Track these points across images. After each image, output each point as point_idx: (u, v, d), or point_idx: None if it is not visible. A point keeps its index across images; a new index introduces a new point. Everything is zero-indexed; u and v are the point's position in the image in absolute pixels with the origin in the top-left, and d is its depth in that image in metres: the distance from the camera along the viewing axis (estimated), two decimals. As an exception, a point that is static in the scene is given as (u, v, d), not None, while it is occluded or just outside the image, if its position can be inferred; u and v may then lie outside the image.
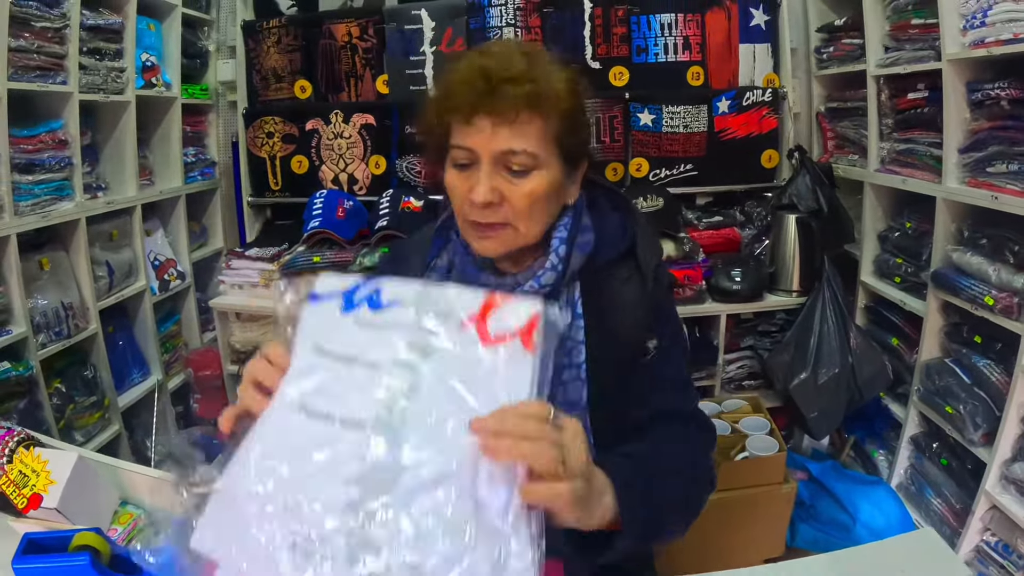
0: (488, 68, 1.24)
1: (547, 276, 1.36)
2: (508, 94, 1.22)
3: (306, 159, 3.96)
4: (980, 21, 2.63)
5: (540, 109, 1.25)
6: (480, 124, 1.25)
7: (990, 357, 2.84)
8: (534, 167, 1.28)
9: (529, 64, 1.26)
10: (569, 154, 1.33)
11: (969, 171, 2.84)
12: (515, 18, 3.71)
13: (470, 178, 1.29)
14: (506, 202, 1.29)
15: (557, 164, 1.31)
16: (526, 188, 1.28)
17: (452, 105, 1.27)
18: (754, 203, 3.87)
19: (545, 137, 1.27)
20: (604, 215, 1.48)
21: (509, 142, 1.25)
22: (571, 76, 1.32)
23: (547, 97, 1.25)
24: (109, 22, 3.42)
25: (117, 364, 3.66)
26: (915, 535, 1.73)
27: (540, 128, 1.26)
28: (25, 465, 1.62)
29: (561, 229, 1.40)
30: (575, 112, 1.32)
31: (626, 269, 1.44)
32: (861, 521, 3.13)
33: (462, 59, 1.31)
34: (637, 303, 1.41)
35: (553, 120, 1.27)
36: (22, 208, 2.99)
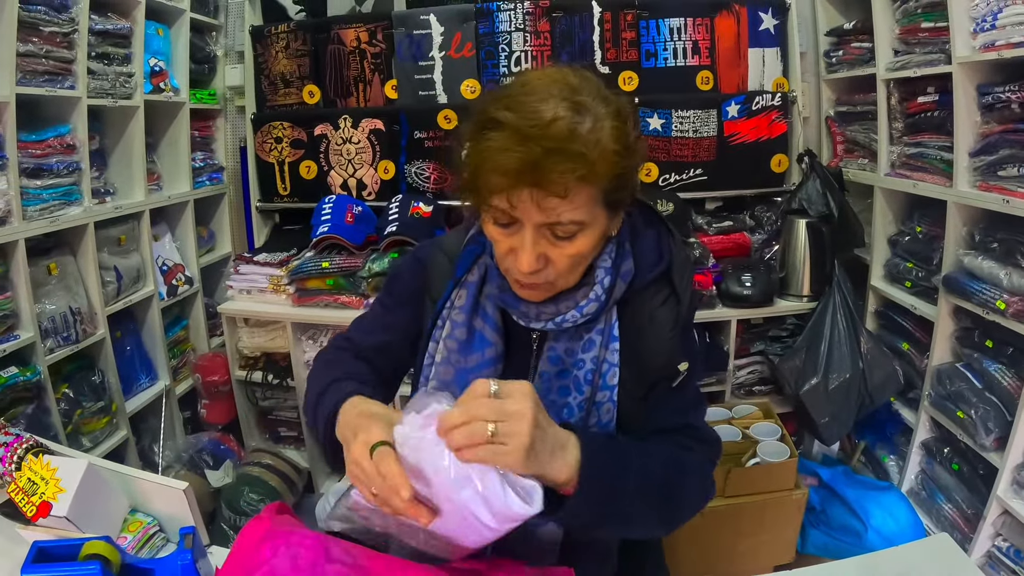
0: (531, 152, 1.10)
1: (590, 307, 1.33)
2: (555, 169, 1.10)
3: (315, 164, 3.96)
4: (990, 24, 2.62)
5: (590, 182, 1.14)
6: (523, 197, 1.14)
7: (1001, 361, 2.83)
8: (579, 231, 1.20)
9: (576, 123, 1.13)
10: (619, 202, 1.26)
11: (980, 175, 2.82)
12: (524, 23, 3.71)
13: (511, 236, 1.23)
14: (551, 264, 1.24)
15: (603, 217, 1.24)
16: (571, 251, 1.22)
17: (490, 185, 1.16)
18: (764, 208, 3.87)
19: (593, 201, 1.19)
20: (639, 233, 1.42)
21: (557, 215, 1.16)
22: (621, 125, 1.19)
23: (597, 170, 1.14)
24: (117, 27, 3.42)
25: (125, 369, 3.65)
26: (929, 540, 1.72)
27: (589, 196, 1.17)
28: (34, 472, 1.61)
29: (605, 259, 1.35)
30: (626, 168, 1.20)
31: (661, 291, 1.39)
32: (872, 527, 3.11)
33: (499, 125, 1.14)
34: (672, 325, 1.38)
35: (602, 184, 1.17)
36: (30, 213, 2.99)
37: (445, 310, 1.47)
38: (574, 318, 1.33)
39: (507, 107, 1.15)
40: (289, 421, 4.05)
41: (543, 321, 1.34)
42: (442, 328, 1.47)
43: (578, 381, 1.36)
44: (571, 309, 1.33)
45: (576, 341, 1.37)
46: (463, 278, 1.47)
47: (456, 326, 1.45)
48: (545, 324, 1.34)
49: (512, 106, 1.15)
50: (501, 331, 1.42)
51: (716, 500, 2.97)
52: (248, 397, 4.02)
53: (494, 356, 1.42)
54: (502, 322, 1.42)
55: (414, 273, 1.59)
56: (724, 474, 2.95)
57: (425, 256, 1.58)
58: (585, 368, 1.36)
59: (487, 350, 1.42)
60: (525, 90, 1.17)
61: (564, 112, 1.13)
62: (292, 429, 4.06)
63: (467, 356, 1.43)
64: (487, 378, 1.11)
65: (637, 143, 1.23)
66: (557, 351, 1.38)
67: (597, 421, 1.36)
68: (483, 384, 1.09)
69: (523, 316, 1.36)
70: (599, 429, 1.35)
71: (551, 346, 1.38)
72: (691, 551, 2.98)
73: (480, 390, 1.09)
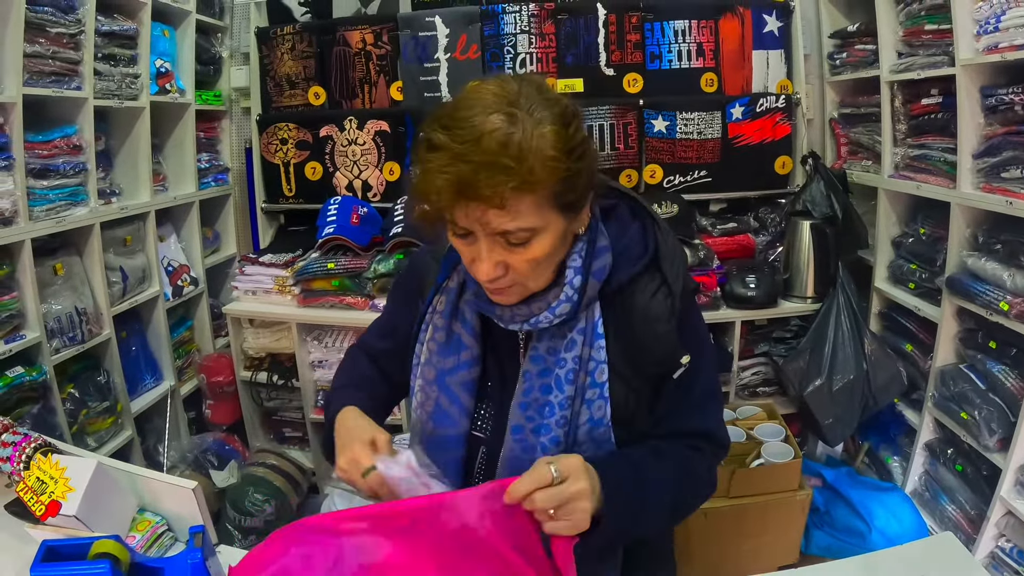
0: (461, 173, 1.14)
1: (562, 307, 1.35)
2: (487, 183, 1.13)
3: (320, 165, 3.98)
4: (994, 26, 2.63)
5: (528, 189, 1.16)
6: (469, 208, 1.18)
7: (1005, 363, 2.83)
8: (533, 237, 1.23)
9: (508, 133, 1.15)
10: (572, 204, 1.26)
11: (983, 176, 2.83)
12: (529, 25, 3.72)
13: (471, 247, 1.26)
14: (511, 270, 1.26)
15: (558, 220, 1.25)
16: (528, 256, 1.24)
17: (435, 196, 1.19)
18: (768, 209, 3.87)
19: (539, 207, 1.21)
20: (624, 225, 1.44)
21: (502, 224, 1.19)
22: (559, 129, 1.20)
23: (533, 179, 1.15)
24: (124, 28, 3.43)
25: (130, 369, 3.67)
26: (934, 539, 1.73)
27: (532, 203, 1.19)
28: (43, 472, 1.62)
29: (575, 257, 1.36)
30: (571, 171, 1.21)
31: (652, 282, 1.39)
32: (876, 528, 3.12)
33: (432, 142, 1.18)
34: (666, 317, 1.38)
35: (546, 188, 1.19)
36: (36, 213, 3.00)
37: (428, 314, 1.53)
38: (548, 319, 1.35)
39: (443, 126, 1.18)
40: (294, 422, 4.06)
41: (518, 323, 1.37)
42: (426, 331, 1.54)
43: (559, 380, 1.38)
44: (543, 310, 1.35)
45: (559, 340, 1.40)
46: (443, 284, 1.52)
47: (437, 330, 1.51)
48: (521, 326, 1.37)
49: (448, 123, 1.18)
50: (478, 335, 1.47)
51: (720, 501, 2.98)
52: (253, 398, 4.03)
53: (470, 359, 1.47)
54: (481, 326, 1.47)
55: (410, 277, 1.66)
56: (728, 475, 2.96)
57: (418, 260, 1.65)
58: (567, 367, 1.38)
59: (463, 353, 1.47)
60: (463, 104, 1.20)
61: (498, 123, 1.15)
62: (297, 430, 4.07)
63: (445, 358, 1.49)
64: (544, 459, 1.23)
65: (583, 144, 1.24)
66: (539, 351, 1.41)
67: (589, 418, 1.39)
68: (544, 468, 1.20)
69: (500, 319, 1.40)
70: (591, 425, 1.39)
71: (534, 346, 1.42)
72: (696, 552, 2.98)
73: (542, 476, 1.20)
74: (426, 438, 1.52)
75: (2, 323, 2.89)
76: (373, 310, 3.53)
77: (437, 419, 1.50)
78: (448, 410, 1.48)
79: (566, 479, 1.20)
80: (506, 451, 1.43)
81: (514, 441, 1.41)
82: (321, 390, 3.81)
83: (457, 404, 1.48)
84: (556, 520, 1.19)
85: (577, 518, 1.20)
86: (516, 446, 1.41)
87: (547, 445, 1.38)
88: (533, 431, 1.40)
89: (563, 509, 1.19)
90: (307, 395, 3.77)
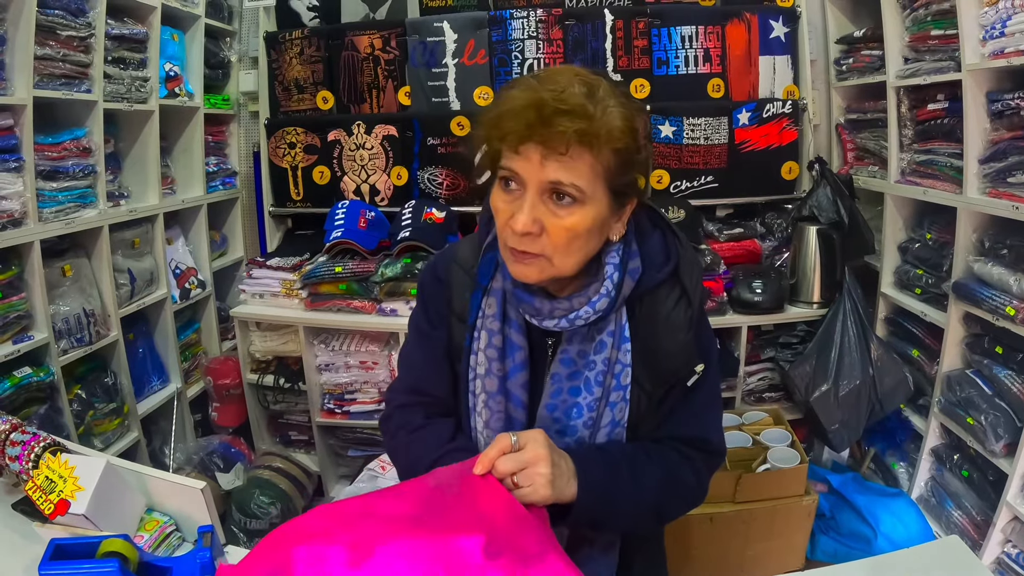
0: (542, 99, 1.20)
1: (601, 302, 1.35)
2: (559, 127, 1.18)
3: (328, 170, 3.99)
4: (999, 31, 2.63)
5: (591, 145, 1.21)
6: (529, 153, 1.22)
7: (1011, 368, 2.83)
8: (580, 200, 1.24)
9: (587, 96, 1.22)
10: (618, 191, 1.29)
11: (990, 181, 2.83)
12: (537, 31, 3.73)
13: (514, 203, 1.27)
14: (545, 233, 1.27)
15: (604, 200, 1.28)
16: (568, 222, 1.26)
17: (502, 132, 1.24)
18: (774, 215, 3.88)
19: (594, 173, 1.23)
20: (645, 235, 1.44)
21: (557, 174, 1.22)
22: (630, 114, 1.25)
23: (599, 134, 1.20)
24: (133, 32, 3.45)
25: (137, 371, 3.68)
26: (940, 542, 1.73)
27: (590, 163, 1.22)
28: (52, 471, 1.63)
29: (614, 255, 1.38)
30: (629, 151, 1.25)
31: (673, 292, 1.42)
32: (882, 533, 3.11)
33: (519, 85, 1.26)
34: (686, 327, 1.41)
35: (604, 157, 1.23)
36: (46, 215, 3.02)
37: (478, 320, 1.48)
38: (587, 314, 1.35)
39: (523, 80, 1.28)
40: (300, 425, 4.06)
41: (556, 318, 1.36)
42: (479, 339, 1.48)
43: (589, 382, 1.40)
44: (584, 305, 1.35)
45: (588, 343, 1.41)
46: (488, 286, 1.48)
47: (492, 335, 1.46)
48: (558, 322, 1.36)
49: (532, 77, 1.28)
50: (526, 333, 1.45)
51: (726, 505, 2.97)
52: (259, 400, 4.03)
53: (524, 359, 1.45)
54: (525, 325, 1.44)
55: (437, 292, 1.58)
56: (734, 480, 2.95)
57: (443, 272, 1.58)
58: (596, 369, 1.40)
59: (517, 354, 1.45)
60: (542, 75, 1.28)
61: (577, 89, 1.22)
62: (303, 433, 4.07)
63: (503, 363, 1.46)
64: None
65: (646, 139, 1.30)
66: (570, 354, 1.41)
67: (611, 420, 1.41)
68: (504, 438, 1.27)
69: (538, 314, 1.38)
70: (611, 427, 1.41)
71: (564, 349, 1.42)
72: (701, 556, 2.98)
73: (503, 444, 1.26)
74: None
75: (10, 324, 2.91)
76: (380, 314, 3.54)
77: (510, 430, 1.39)
78: (515, 416, 1.46)
79: (524, 447, 1.27)
80: None
81: None
82: (328, 393, 3.81)
83: (521, 407, 1.46)
84: (519, 488, 1.24)
85: (537, 483, 1.24)
86: None
87: (572, 446, 1.39)
88: (559, 432, 1.41)
89: (523, 475, 1.25)
90: (313, 398, 3.77)
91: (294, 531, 1.20)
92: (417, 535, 1.13)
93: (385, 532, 1.14)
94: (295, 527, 1.21)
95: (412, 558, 1.10)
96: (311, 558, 1.12)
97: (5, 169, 2.80)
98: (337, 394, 3.78)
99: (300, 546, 1.15)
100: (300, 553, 1.13)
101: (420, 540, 1.12)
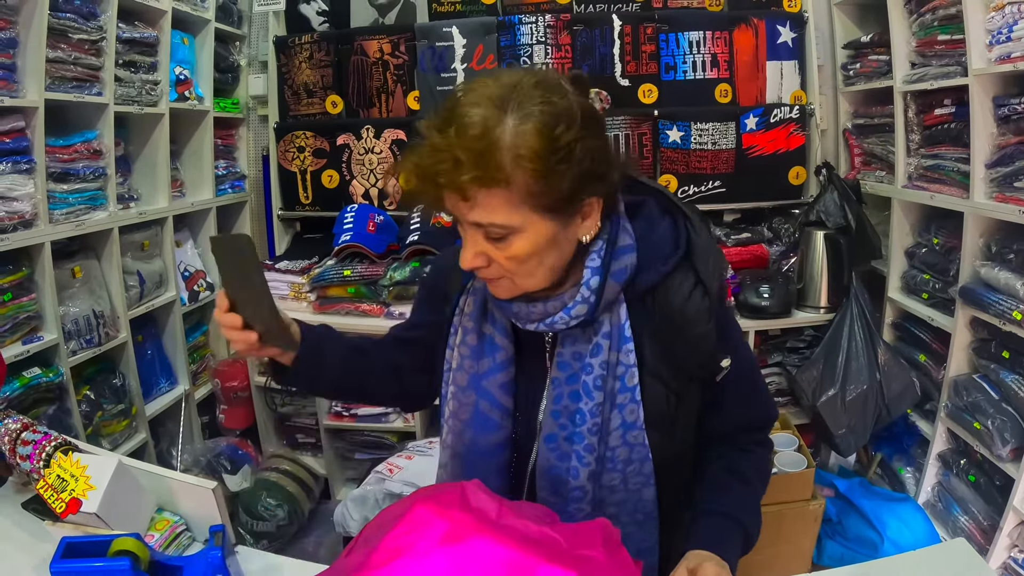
0: (440, 154, 1.15)
1: (577, 308, 1.31)
2: (458, 180, 1.14)
3: (337, 173, 4.00)
4: (1006, 36, 2.64)
5: (496, 183, 1.15)
6: (450, 199, 1.20)
7: (1018, 372, 2.82)
8: (511, 232, 1.21)
9: (493, 122, 1.15)
10: (557, 207, 1.22)
11: (996, 186, 2.83)
12: (545, 36, 3.75)
13: (464, 235, 1.28)
14: (494, 263, 1.26)
15: (541, 220, 1.21)
16: (508, 252, 1.23)
17: (419, 184, 1.21)
18: (782, 220, 3.89)
19: (512, 205, 1.18)
20: (652, 223, 1.40)
21: (475, 216, 1.20)
22: (547, 120, 1.17)
23: (502, 168, 1.14)
24: (144, 35, 3.47)
25: (145, 373, 3.69)
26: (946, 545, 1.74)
27: (503, 198, 1.17)
28: (63, 470, 1.63)
29: (594, 257, 1.33)
30: (547, 166, 1.16)
31: (686, 282, 1.35)
32: (888, 538, 3.11)
33: (430, 125, 1.20)
34: (704, 318, 1.34)
35: (520, 184, 1.16)
36: (56, 216, 3.03)
37: (456, 317, 1.51)
38: (564, 320, 1.32)
39: (436, 112, 1.21)
40: (307, 427, 4.07)
41: (534, 323, 1.35)
42: (455, 335, 1.50)
43: (587, 386, 1.36)
44: (559, 310, 1.32)
45: (584, 345, 1.37)
46: (469, 285, 1.50)
47: (467, 332, 1.47)
48: (536, 326, 1.35)
49: (438, 110, 1.21)
50: (511, 335, 1.44)
51: (732, 509, 2.97)
52: (267, 403, 4.05)
53: (505, 360, 1.43)
54: (511, 327, 1.43)
55: (434, 281, 1.63)
56: (741, 484, 2.95)
57: (441, 264, 1.63)
58: (594, 373, 1.35)
59: (498, 355, 1.44)
60: (461, 91, 1.22)
61: (477, 117, 1.15)
62: (310, 435, 4.08)
63: (479, 361, 1.46)
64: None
65: (572, 147, 1.18)
66: (564, 356, 1.38)
67: (621, 423, 1.36)
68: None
69: (516, 317, 1.37)
70: (624, 430, 1.36)
71: (559, 351, 1.39)
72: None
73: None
74: (464, 448, 1.49)
75: (20, 324, 2.92)
76: (388, 317, 3.55)
77: (477, 425, 1.46)
78: (489, 414, 1.44)
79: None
80: (541, 460, 1.41)
81: (548, 450, 1.40)
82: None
83: (498, 408, 1.44)
84: None
85: None
86: (551, 455, 1.39)
87: (581, 453, 1.37)
88: (566, 439, 1.38)
89: None
90: (321, 401, 3.78)
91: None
92: (510, 544, 1.11)
93: (483, 529, 1.13)
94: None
95: (499, 558, 1.09)
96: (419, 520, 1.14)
97: (17, 171, 2.81)
98: (345, 397, 3.78)
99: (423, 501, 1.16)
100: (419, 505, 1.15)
101: (512, 547, 1.10)
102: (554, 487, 1.40)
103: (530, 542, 1.11)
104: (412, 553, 1.07)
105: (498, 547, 1.08)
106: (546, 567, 1.06)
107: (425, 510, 1.14)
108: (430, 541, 1.09)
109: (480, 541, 1.08)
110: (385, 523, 1.17)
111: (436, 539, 1.09)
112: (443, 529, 1.10)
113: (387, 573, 1.06)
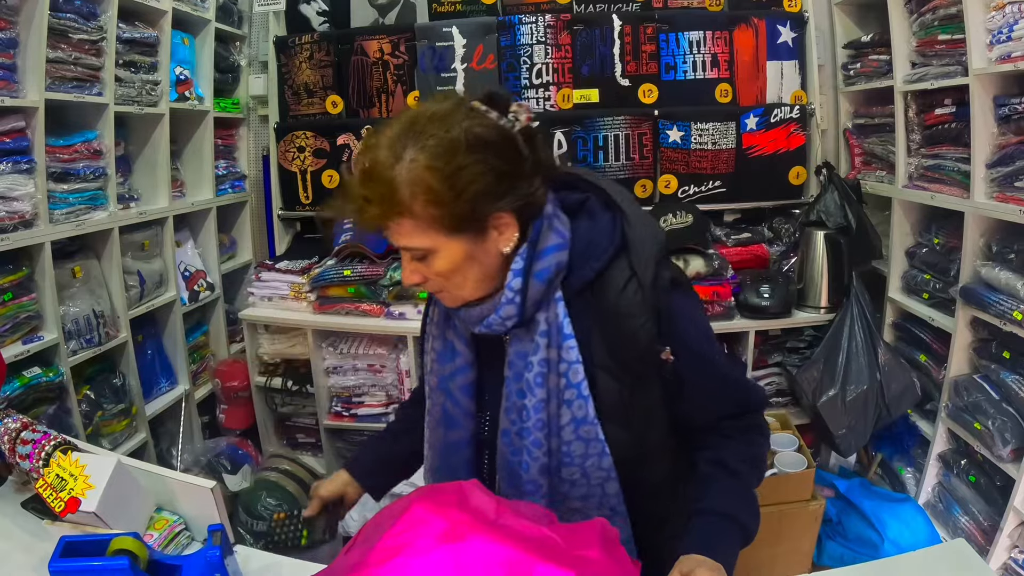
0: (349, 193, 1.31)
1: (505, 309, 1.39)
2: (356, 210, 1.31)
3: (337, 173, 3.99)
4: (1006, 36, 2.63)
5: (398, 214, 1.29)
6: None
7: (1019, 372, 2.82)
8: (429, 252, 1.34)
9: (389, 161, 1.27)
10: (462, 227, 1.32)
11: (997, 186, 2.82)
12: (545, 36, 3.75)
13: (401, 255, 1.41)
14: (429, 279, 1.39)
15: (452, 241, 1.33)
16: (433, 269, 1.36)
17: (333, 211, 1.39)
18: (782, 219, 3.88)
19: (420, 229, 1.31)
20: (594, 219, 1.45)
21: (396, 240, 1.34)
22: (432, 162, 1.26)
23: (400, 202, 1.27)
24: (144, 36, 3.47)
25: (145, 373, 3.69)
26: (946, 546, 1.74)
27: (411, 225, 1.30)
28: (62, 469, 1.64)
29: (518, 260, 1.38)
30: (440, 196, 1.26)
31: (621, 276, 1.40)
32: (889, 539, 3.11)
33: (355, 163, 1.36)
34: (638, 311, 1.38)
35: (421, 213, 1.28)
36: (56, 216, 3.03)
37: (428, 325, 1.66)
38: (497, 321, 1.40)
39: (357, 151, 1.38)
40: (307, 427, 4.07)
41: (475, 325, 1.44)
42: (427, 340, 1.65)
43: (530, 384, 1.42)
44: (491, 312, 1.41)
45: (528, 344, 1.43)
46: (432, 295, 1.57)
47: (434, 338, 1.61)
48: (479, 328, 1.43)
49: (357, 155, 1.39)
50: (469, 341, 1.52)
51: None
52: (267, 403, 4.04)
53: (465, 364, 1.54)
54: (471, 333, 1.51)
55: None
56: (741, 484, 2.95)
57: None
58: (534, 371, 1.42)
59: (458, 359, 1.54)
60: (379, 131, 1.33)
61: (379, 158, 1.28)
62: (310, 435, 4.08)
63: (444, 365, 1.57)
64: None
65: (462, 173, 1.27)
66: (511, 356, 1.46)
67: (571, 418, 1.42)
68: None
69: (464, 323, 1.48)
70: (575, 425, 1.42)
71: (508, 352, 1.46)
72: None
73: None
74: (440, 443, 1.60)
75: (20, 324, 2.92)
76: (388, 317, 3.55)
77: (446, 424, 1.58)
78: (453, 414, 1.56)
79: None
80: (500, 455, 1.50)
81: (504, 445, 1.49)
82: (335, 396, 3.82)
83: (460, 408, 1.54)
84: None
85: None
86: (506, 450, 1.49)
87: (531, 448, 1.44)
88: (517, 435, 1.46)
89: None
90: (321, 401, 3.78)
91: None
92: (508, 543, 1.11)
93: (481, 528, 1.14)
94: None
95: (497, 557, 1.09)
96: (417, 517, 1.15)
97: (17, 171, 2.81)
98: (345, 397, 3.79)
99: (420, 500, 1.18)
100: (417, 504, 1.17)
101: (510, 547, 1.11)
102: (512, 481, 1.49)
103: (528, 541, 1.12)
104: (410, 552, 1.08)
105: (496, 546, 1.08)
106: (543, 566, 1.07)
107: (423, 509, 1.15)
108: (428, 540, 1.09)
109: (478, 540, 1.09)
110: (383, 522, 1.18)
111: (434, 538, 1.09)
112: (441, 528, 1.11)
113: (385, 572, 1.06)
